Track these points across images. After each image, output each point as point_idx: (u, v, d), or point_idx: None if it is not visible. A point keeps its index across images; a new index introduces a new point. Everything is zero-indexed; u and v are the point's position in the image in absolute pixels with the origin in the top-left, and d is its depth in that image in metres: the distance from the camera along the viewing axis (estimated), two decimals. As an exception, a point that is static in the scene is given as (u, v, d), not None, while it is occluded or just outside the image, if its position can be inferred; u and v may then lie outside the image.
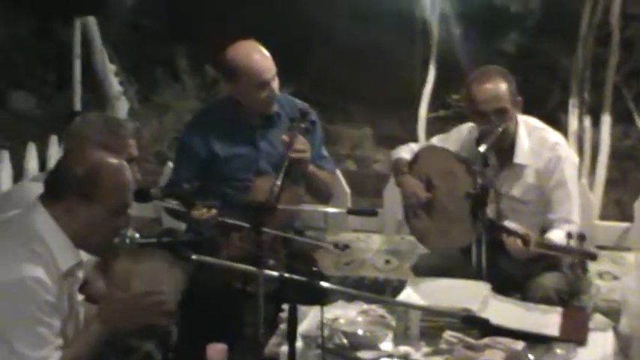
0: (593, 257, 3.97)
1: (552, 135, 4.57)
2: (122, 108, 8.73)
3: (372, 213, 4.03)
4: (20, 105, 9.29)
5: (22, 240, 3.08)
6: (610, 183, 6.66)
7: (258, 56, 4.59)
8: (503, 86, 4.41)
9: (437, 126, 7.21)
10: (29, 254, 3.05)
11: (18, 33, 8.93)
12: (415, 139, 7.19)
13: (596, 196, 6.16)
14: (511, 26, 8.98)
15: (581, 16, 6.70)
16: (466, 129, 4.69)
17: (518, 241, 4.11)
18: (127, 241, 3.19)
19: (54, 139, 5.79)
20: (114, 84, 8.79)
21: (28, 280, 2.99)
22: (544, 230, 4.20)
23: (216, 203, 4.08)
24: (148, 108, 9.04)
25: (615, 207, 6.90)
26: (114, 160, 3.21)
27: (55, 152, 5.72)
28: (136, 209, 4.77)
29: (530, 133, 4.51)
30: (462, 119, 5.38)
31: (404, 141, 5.10)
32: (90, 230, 3.16)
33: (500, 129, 4.32)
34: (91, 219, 3.14)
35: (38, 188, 3.37)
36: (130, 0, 4.70)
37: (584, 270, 4.58)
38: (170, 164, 5.33)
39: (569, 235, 3.94)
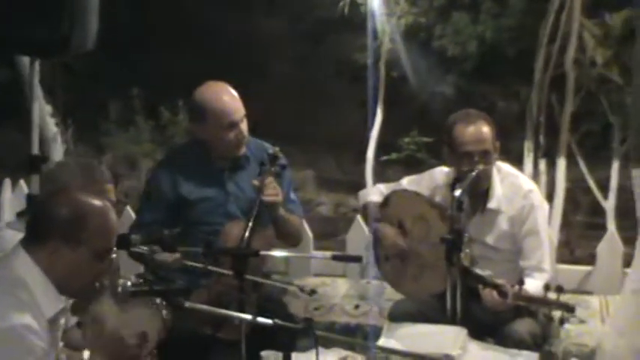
0: (572, 310, 3.95)
1: (525, 182, 4.59)
2: (58, 150, 8.56)
3: (357, 259, 3.99)
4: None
5: (6, 287, 2.98)
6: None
7: (226, 97, 4.55)
8: (486, 129, 4.44)
9: (393, 169, 7.21)
10: (15, 301, 2.95)
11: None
12: (361, 182, 7.19)
13: (554, 238, 6.21)
14: (449, 69, 9.08)
15: (535, 61, 6.79)
16: (439, 173, 4.67)
17: (495, 293, 4.10)
18: (119, 289, 3.10)
19: (8, 183, 5.60)
20: (50, 125, 8.63)
21: (19, 328, 2.89)
22: (521, 280, 4.19)
23: (198, 249, 3.98)
24: (85, 149, 8.89)
25: (564, 249, 6.98)
26: (99, 203, 3.14)
27: (9, 196, 5.54)
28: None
29: (503, 179, 4.52)
30: (415, 162, 5.37)
31: (347, 184, 5.07)
32: (74, 274, 3.07)
33: (474, 173, 4.32)
34: (75, 263, 3.06)
35: (15, 236, 3.28)
36: (92, 42, 4.54)
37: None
38: (129, 209, 5.21)
39: (546, 287, 3.94)
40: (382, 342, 3.97)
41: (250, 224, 4.25)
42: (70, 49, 4.51)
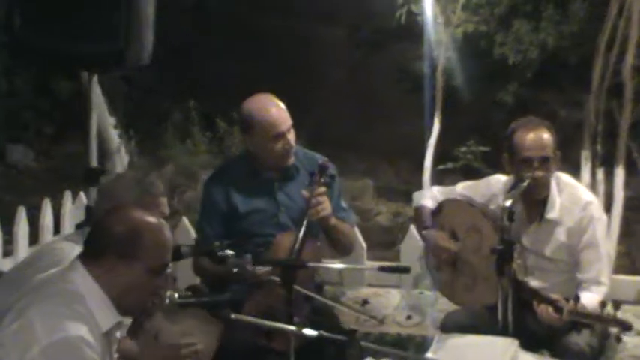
0: (629, 327, 3.90)
1: (584, 193, 4.54)
2: (122, 161, 8.70)
3: (405, 270, 3.97)
4: (18, 158, 9.22)
5: (64, 299, 3.02)
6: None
7: (273, 108, 4.57)
8: (547, 136, 4.41)
9: (450, 178, 7.15)
10: (72, 313, 2.99)
11: (16, 86, 8.91)
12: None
13: (611, 249, 6.12)
14: (509, 77, 9.00)
15: (592, 69, 6.72)
16: (496, 182, 4.64)
17: (550, 309, 4.07)
18: (167, 301, 3.14)
19: (68, 195, 5.69)
20: (113, 137, 8.76)
21: (74, 339, 2.93)
22: (577, 296, 4.13)
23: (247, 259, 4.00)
24: (147, 161, 8.99)
25: (625, 259, 6.88)
26: (154, 219, 3.17)
27: (69, 207, 5.61)
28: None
29: (562, 190, 4.47)
30: (471, 172, 5.30)
31: (405, 193, 5.05)
32: (130, 291, 3.10)
33: (525, 183, 4.28)
34: (131, 279, 3.09)
35: (72, 248, 3.33)
36: (148, 56, 4.62)
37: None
38: (185, 220, 5.25)
39: (602, 304, 3.90)
40: (432, 353, 3.96)
41: (300, 235, 4.27)
42: (126, 63, 4.59)
